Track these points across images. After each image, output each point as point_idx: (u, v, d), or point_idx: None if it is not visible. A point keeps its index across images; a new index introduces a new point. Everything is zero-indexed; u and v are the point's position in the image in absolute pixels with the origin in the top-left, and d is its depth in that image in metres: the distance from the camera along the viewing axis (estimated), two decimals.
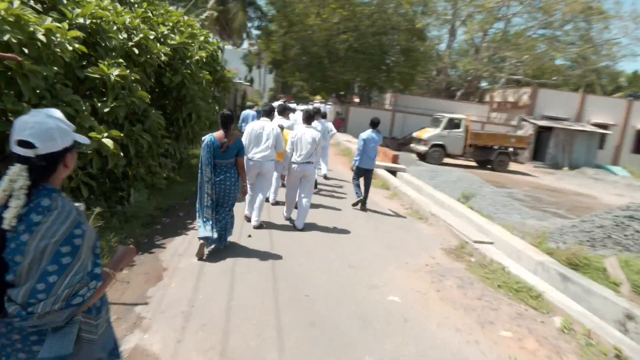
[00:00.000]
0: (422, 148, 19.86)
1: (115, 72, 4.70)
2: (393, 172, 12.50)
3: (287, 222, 6.34)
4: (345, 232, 6.24)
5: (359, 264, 4.84)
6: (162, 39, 6.30)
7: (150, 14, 6.42)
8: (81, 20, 4.64)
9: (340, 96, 29.49)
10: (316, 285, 4.11)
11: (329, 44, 25.67)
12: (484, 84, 37.47)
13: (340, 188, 9.88)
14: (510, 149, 20.55)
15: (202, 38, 7.46)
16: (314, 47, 25.40)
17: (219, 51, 8.24)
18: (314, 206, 7.92)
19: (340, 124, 26.66)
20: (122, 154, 5.08)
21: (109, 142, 4.19)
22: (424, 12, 30.71)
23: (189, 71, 6.58)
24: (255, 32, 32.67)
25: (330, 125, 10.41)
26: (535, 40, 31.17)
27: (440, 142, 19.70)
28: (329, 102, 30.67)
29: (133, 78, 4.99)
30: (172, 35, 6.41)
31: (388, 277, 4.54)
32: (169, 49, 6.20)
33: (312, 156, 6.03)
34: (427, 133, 20.00)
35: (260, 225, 5.85)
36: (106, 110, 4.60)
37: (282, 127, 6.50)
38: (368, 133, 7.49)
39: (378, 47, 25.89)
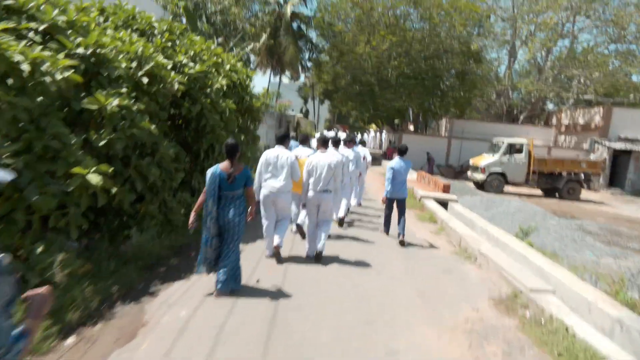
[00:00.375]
0: (480, 176, 18.46)
1: (115, 102, 4.40)
2: (444, 203, 11.48)
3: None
4: (371, 271, 5.46)
5: (379, 317, 4.02)
6: (179, 69, 6.05)
7: (169, 44, 6.23)
8: (81, 50, 4.42)
9: (393, 124, 28.74)
10: (319, 349, 3.36)
11: (379, 71, 25.22)
12: (549, 106, 35.08)
13: (378, 218, 9.09)
14: (582, 175, 18.56)
15: (227, 67, 7.19)
16: (364, 75, 25.05)
17: (248, 80, 7.93)
18: (344, 237, 7.46)
19: (392, 153, 25.81)
20: (128, 189, 4.77)
21: (94, 178, 3.81)
22: (480, 34, 29.52)
23: (208, 100, 6.26)
24: (308, 64, 33.06)
25: (364, 151, 9.80)
26: (607, 56, 28.74)
27: (499, 170, 18.22)
28: (377, 130, 30.00)
29: (136, 108, 4.67)
30: (191, 64, 6.15)
31: (413, 338, 3.69)
32: (185, 78, 5.93)
33: (329, 184, 5.70)
34: (484, 160, 18.63)
35: (278, 254, 5.54)
36: (101, 143, 4.28)
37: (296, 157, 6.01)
38: (396, 161, 7.26)
39: (431, 71, 25.03)
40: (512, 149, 18.41)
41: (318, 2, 27.22)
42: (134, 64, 5.14)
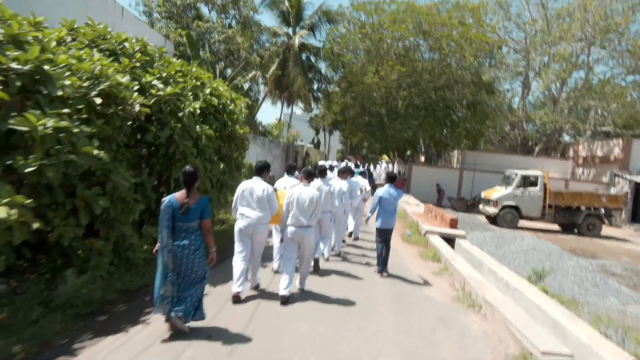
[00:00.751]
0: (492, 210, 17.49)
1: (49, 123, 3.82)
2: (450, 239, 10.60)
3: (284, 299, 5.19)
4: (353, 322, 4.66)
5: None
6: (147, 90, 5.52)
7: (137, 64, 5.72)
8: (15, 65, 3.88)
9: (403, 155, 28.04)
10: None
11: (388, 101, 24.76)
12: (565, 138, 34.06)
13: (374, 251, 8.28)
14: (602, 210, 17.44)
15: (208, 90, 6.65)
16: (374, 106, 24.61)
17: (233, 105, 7.39)
18: (330, 272, 6.81)
19: (403, 185, 25.02)
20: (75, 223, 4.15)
21: (1, 211, 3.17)
22: (492, 65, 29.05)
23: (179, 125, 5.69)
24: (320, 95, 32.95)
25: (362, 183, 9.18)
26: (625, 88, 27.86)
27: (512, 203, 17.24)
28: (389, 162, 29.33)
29: (78, 131, 4.09)
30: (161, 86, 5.62)
31: None
32: (152, 100, 5.38)
33: (310, 219, 5.37)
34: (496, 193, 17.69)
35: (238, 298, 5.02)
36: (28, 169, 3.67)
37: (275, 190, 5.59)
38: (385, 189, 6.94)
39: (441, 102, 24.46)
40: (526, 182, 17.47)
41: (327, 34, 27.25)
42: (86, 83, 4.59)
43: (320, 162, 11.22)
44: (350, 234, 9.98)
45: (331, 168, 10.81)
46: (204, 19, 20.75)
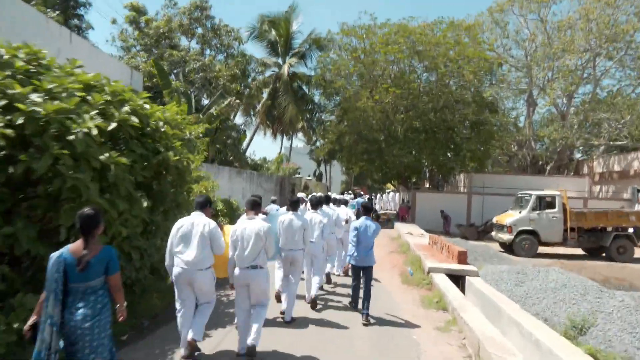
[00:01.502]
0: (506, 236, 15.59)
1: None
2: (458, 276, 8.81)
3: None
4: None
5: None
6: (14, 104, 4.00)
7: (9, 72, 4.25)
8: None
9: (406, 182, 26.34)
10: None
11: (385, 126, 23.33)
12: (577, 155, 32.28)
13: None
14: (630, 230, 15.45)
15: (126, 108, 5.15)
16: (370, 132, 23.15)
17: (167, 127, 5.85)
18: (303, 319, 5.95)
19: (406, 213, 23.27)
20: None
21: None
22: (493, 84, 27.68)
23: (64, 152, 4.14)
24: (314, 125, 31.77)
25: (344, 212, 8.13)
26: (637, 99, 26.24)
27: (529, 228, 15.34)
28: (394, 190, 27.69)
29: None
30: (37, 100, 4.12)
31: None
32: (22, 119, 3.87)
33: (258, 258, 4.63)
34: (510, 217, 15.84)
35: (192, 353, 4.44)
36: None
37: (220, 225, 4.83)
38: (361, 221, 6.24)
39: (442, 124, 22.93)
40: (543, 203, 15.62)
41: (317, 61, 26.27)
42: None
43: (300, 194, 9.82)
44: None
45: (329, 200, 9.31)
46: (179, 48, 19.80)
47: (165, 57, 17.88)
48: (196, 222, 4.49)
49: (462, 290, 8.39)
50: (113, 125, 4.96)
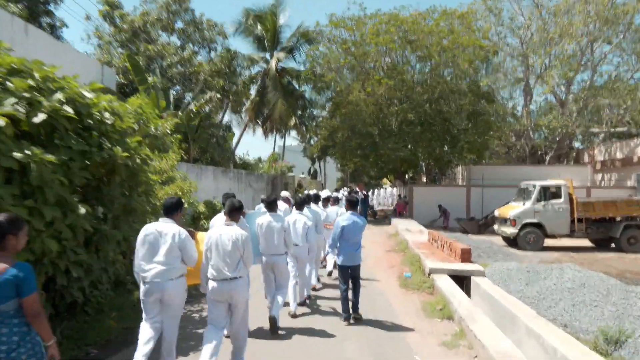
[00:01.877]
0: (510, 230, 14.72)
1: None
2: (462, 277, 7.94)
3: None
4: None
5: None
6: None
7: None
8: None
9: (403, 177, 25.45)
10: None
11: (379, 119, 22.43)
12: (577, 144, 31.50)
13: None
14: None
15: (59, 96, 4.24)
16: (364, 125, 22.25)
17: (118, 119, 4.93)
18: (288, 328, 5.31)
19: (403, 209, 22.38)
20: None
21: None
22: (489, 73, 26.78)
23: None
24: (306, 121, 30.84)
25: (334, 212, 7.65)
26: (635, 85, 25.42)
27: (534, 220, 14.48)
28: (392, 185, 26.80)
29: None
30: None
31: None
32: None
33: (238, 268, 4.09)
34: (513, 210, 14.95)
35: None
36: None
37: (192, 232, 4.38)
38: (347, 217, 5.80)
39: (438, 115, 22.03)
40: (547, 194, 14.75)
41: (306, 55, 25.32)
42: None
43: (284, 193, 8.91)
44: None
45: (317, 199, 8.51)
46: (156, 43, 18.82)
47: (140, 51, 16.93)
48: (164, 231, 3.98)
49: (467, 292, 7.53)
50: (41, 116, 4.07)
